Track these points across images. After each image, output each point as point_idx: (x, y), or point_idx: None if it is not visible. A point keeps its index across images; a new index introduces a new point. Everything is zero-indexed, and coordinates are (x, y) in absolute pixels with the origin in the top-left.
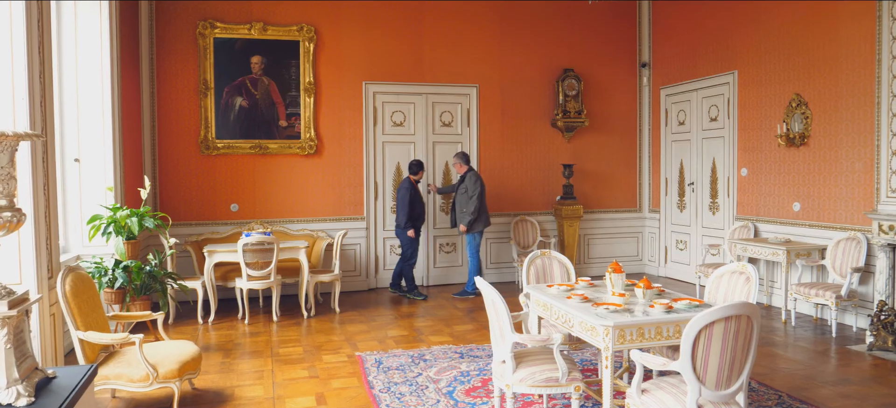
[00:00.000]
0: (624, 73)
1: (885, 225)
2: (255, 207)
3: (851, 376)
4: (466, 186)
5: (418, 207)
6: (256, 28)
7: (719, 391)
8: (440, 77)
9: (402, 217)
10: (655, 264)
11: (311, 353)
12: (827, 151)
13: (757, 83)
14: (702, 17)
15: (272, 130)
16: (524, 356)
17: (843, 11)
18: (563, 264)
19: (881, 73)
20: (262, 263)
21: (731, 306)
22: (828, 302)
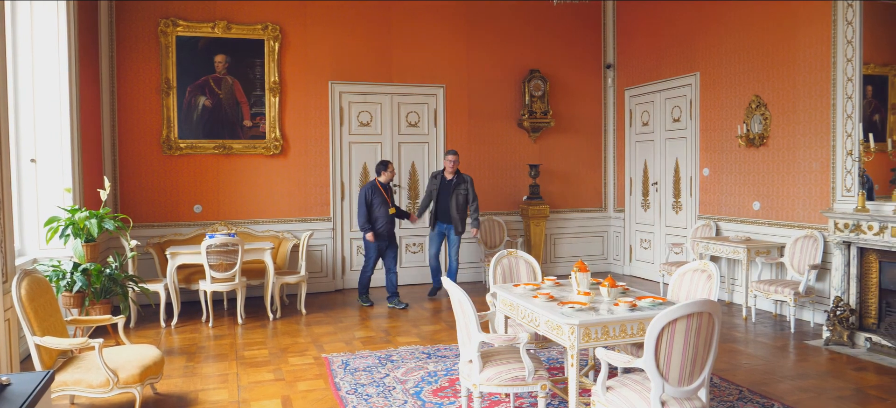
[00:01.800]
0: (589, 74)
1: (840, 223)
2: (219, 208)
3: (809, 370)
4: (467, 187)
5: (378, 209)
6: (220, 27)
7: (682, 387)
8: (407, 77)
9: (360, 220)
10: (620, 263)
11: (276, 355)
12: (785, 152)
13: (718, 85)
14: (665, 19)
15: (237, 130)
16: (491, 356)
17: (801, 15)
18: (529, 264)
19: (836, 76)
20: (227, 264)
21: (693, 303)
22: (786, 299)
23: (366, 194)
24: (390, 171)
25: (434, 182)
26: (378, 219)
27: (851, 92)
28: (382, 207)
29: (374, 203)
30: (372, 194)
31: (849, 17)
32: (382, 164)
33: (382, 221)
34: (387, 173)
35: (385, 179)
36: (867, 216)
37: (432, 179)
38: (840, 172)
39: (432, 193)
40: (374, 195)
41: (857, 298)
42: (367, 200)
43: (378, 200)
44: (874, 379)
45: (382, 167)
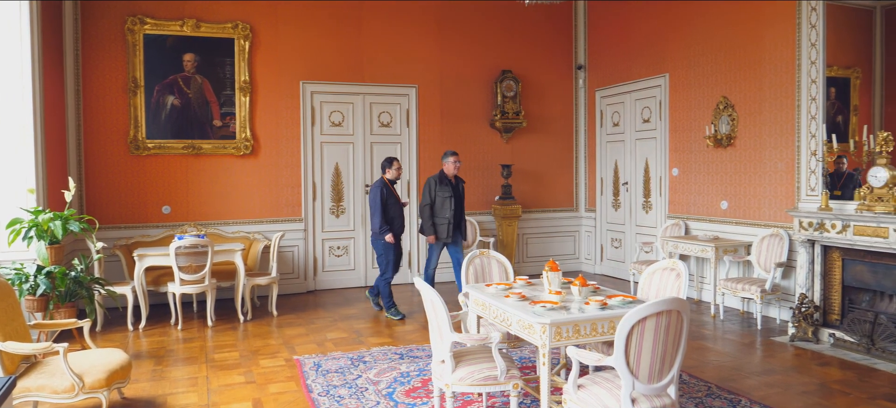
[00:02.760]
0: (560, 75)
1: (805, 222)
2: (188, 209)
3: (775, 366)
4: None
5: (393, 208)
6: (189, 25)
7: (652, 384)
8: (379, 77)
9: (376, 221)
10: (592, 262)
11: (247, 358)
12: (752, 152)
13: (687, 86)
14: (635, 21)
15: (206, 130)
16: (463, 356)
17: (766, 17)
18: (501, 264)
19: (800, 78)
20: (196, 266)
21: (662, 301)
22: (753, 296)
23: (381, 193)
24: (397, 167)
25: (441, 189)
26: (394, 219)
27: (815, 94)
28: (398, 207)
29: (389, 203)
30: (387, 193)
31: (812, 21)
32: (388, 160)
33: (400, 222)
34: (393, 170)
35: (392, 176)
36: (830, 215)
37: (434, 187)
38: (804, 172)
39: (436, 201)
40: (389, 194)
41: (821, 295)
42: (383, 199)
43: (393, 199)
44: (838, 374)
45: (388, 164)
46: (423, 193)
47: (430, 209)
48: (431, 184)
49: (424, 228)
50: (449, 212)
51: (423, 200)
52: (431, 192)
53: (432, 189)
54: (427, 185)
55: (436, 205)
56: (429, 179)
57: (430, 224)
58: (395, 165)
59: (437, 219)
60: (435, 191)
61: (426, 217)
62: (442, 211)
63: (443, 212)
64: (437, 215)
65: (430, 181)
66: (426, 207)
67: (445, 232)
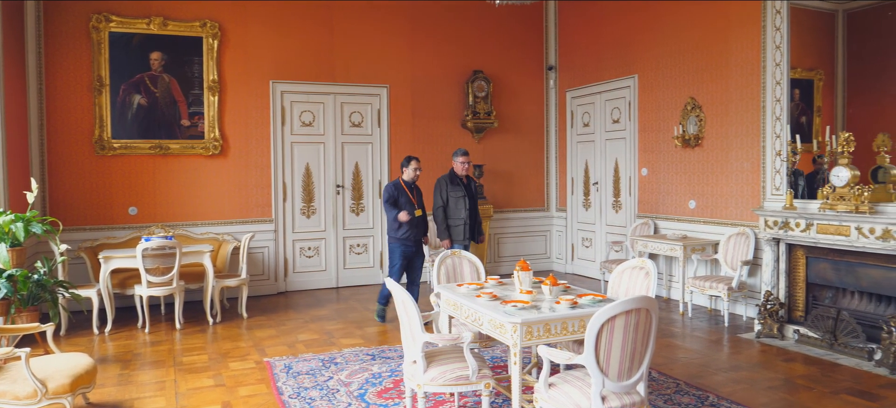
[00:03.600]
0: (531, 75)
1: (770, 221)
2: (155, 210)
3: (742, 362)
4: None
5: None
6: (156, 23)
7: (621, 382)
8: (350, 77)
9: (391, 220)
10: (563, 262)
11: (216, 360)
12: (719, 152)
13: (656, 87)
14: (605, 22)
15: (174, 130)
16: (435, 356)
17: (733, 20)
18: (473, 264)
19: (766, 79)
20: (164, 268)
21: (631, 300)
22: (720, 294)
23: (390, 193)
24: (414, 167)
25: (454, 189)
26: (405, 223)
27: (780, 95)
28: (409, 208)
29: (400, 203)
30: (398, 193)
31: (777, 24)
32: (407, 159)
33: (409, 225)
34: (410, 170)
35: (409, 177)
36: (795, 214)
37: (445, 187)
38: (769, 172)
39: (448, 202)
40: (401, 195)
41: (786, 292)
42: (393, 199)
43: (404, 200)
44: (802, 369)
45: (406, 163)
46: (435, 195)
47: (443, 211)
48: (442, 184)
49: (439, 232)
50: (463, 212)
51: (435, 202)
52: (443, 192)
53: (444, 189)
54: (437, 186)
55: (449, 206)
56: (439, 180)
57: (444, 227)
58: (412, 165)
59: (452, 220)
60: (447, 191)
61: (440, 220)
62: (456, 212)
63: (457, 213)
64: (451, 217)
65: (441, 181)
66: (439, 209)
67: (461, 234)
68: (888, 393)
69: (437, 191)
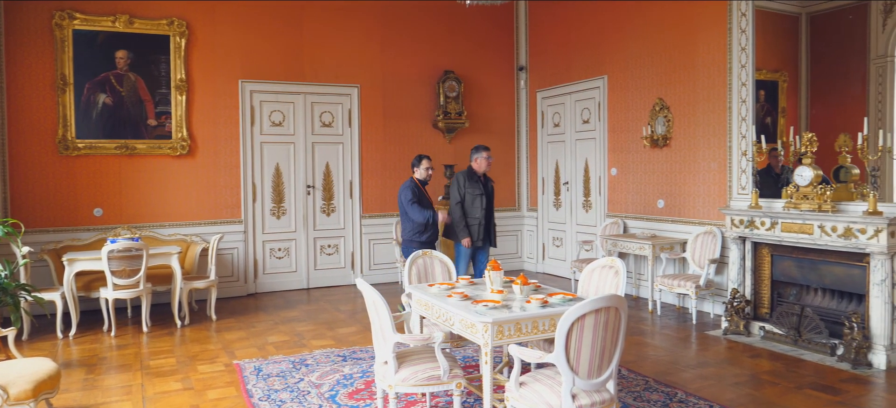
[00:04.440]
0: (502, 76)
1: (736, 220)
2: (121, 211)
3: (709, 359)
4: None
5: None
6: (122, 21)
7: (591, 380)
8: (320, 77)
9: (408, 229)
10: (534, 261)
11: (184, 364)
12: (687, 152)
13: (624, 88)
14: (574, 23)
15: (140, 130)
16: (407, 356)
17: (700, 21)
18: (444, 264)
19: (732, 81)
20: (130, 270)
21: (601, 298)
22: (688, 292)
23: (413, 193)
24: (427, 165)
25: (471, 186)
26: (428, 225)
27: (745, 96)
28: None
29: (422, 204)
30: (419, 194)
31: (743, 26)
32: (418, 158)
33: (433, 228)
34: (422, 169)
35: (422, 176)
36: (760, 213)
37: (463, 184)
38: (736, 172)
39: (465, 199)
40: (421, 196)
41: (752, 289)
42: (416, 200)
43: (426, 201)
44: (767, 365)
45: (416, 162)
46: (451, 192)
47: (461, 208)
48: (460, 180)
49: (456, 230)
50: (480, 211)
51: (452, 199)
52: (461, 189)
53: (461, 186)
54: (455, 182)
55: (465, 203)
56: (456, 176)
57: (463, 226)
58: (424, 164)
59: (469, 219)
60: (465, 188)
61: (458, 218)
62: (472, 210)
63: (473, 211)
64: (468, 215)
65: (459, 178)
66: (457, 206)
67: (477, 233)
68: (850, 387)
69: (454, 187)
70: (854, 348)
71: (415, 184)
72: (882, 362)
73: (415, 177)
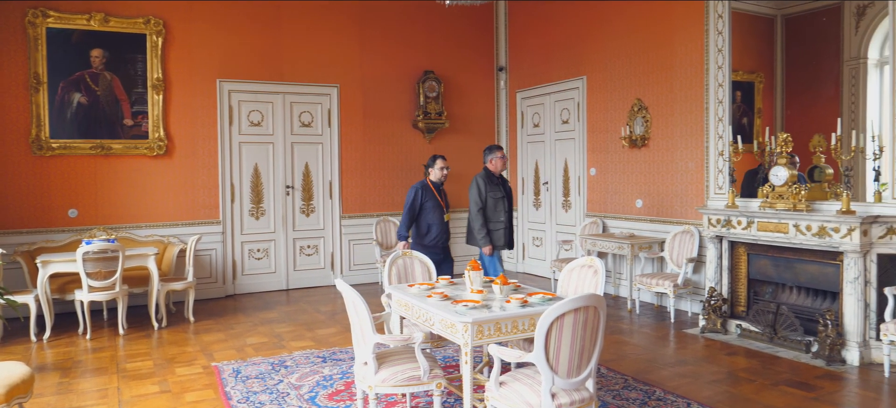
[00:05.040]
0: (482, 76)
1: (713, 219)
2: (96, 212)
3: (687, 357)
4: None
5: (430, 214)
6: (97, 19)
7: (571, 379)
8: (299, 76)
9: (401, 226)
10: (513, 261)
11: (162, 366)
12: (665, 152)
13: (603, 88)
14: (554, 24)
15: (116, 130)
16: (386, 357)
17: (677, 23)
18: (424, 264)
19: (708, 81)
20: (106, 272)
21: (580, 298)
22: (667, 291)
23: (416, 195)
24: (441, 165)
25: (492, 189)
26: (431, 227)
27: (722, 97)
28: (436, 212)
29: (424, 207)
30: (424, 196)
31: (719, 27)
32: (432, 158)
33: (437, 230)
34: (436, 170)
35: (437, 177)
36: (736, 212)
37: (484, 187)
38: (713, 172)
39: (487, 203)
40: (426, 197)
41: (728, 288)
42: (416, 202)
43: (431, 204)
44: (744, 362)
45: (431, 163)
46: (471, 195)
47: (483, 214)
48: (480, 184)
49: (477, 237)
50: (503, 215)
51: (472, 203)
52: (482, 193)
53: (483, 190)
54: (475, 186)
55: (487, 208)
56: (476, 179)
57: (485, 232)
58: (438, 165)
59: (492, 224)
60: (486, 192)
61: (480, 224)
62: (495, 215)
63: (496, 215)
64: (491, 220)
65: (479, 181)
66: (479, 212)
67: (502, 239)
68: (824, 384)
69: (475, 191)
70: (828, 345)
71: (424, 187)
72: (855, 358)
73: (428, 179)
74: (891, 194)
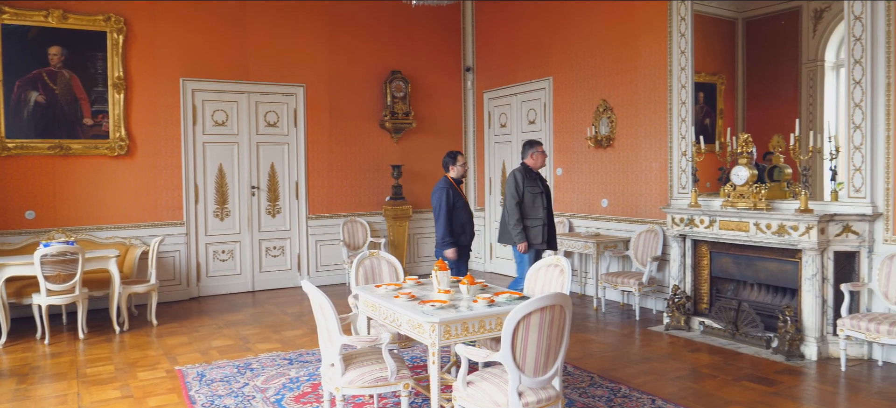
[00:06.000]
0: (450, 76)
1: (676, 218)
2: (55, 214)
3: (652, 354)
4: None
5: (462, 213)
6: (55, 16)
7: (537, 377)
8: (265, 75)
9: (440, 231)
10: (481, 260)
11: (124, 371)
12: (629, 152)
13: (569, 89)
14: (520, 24)
15: (75, 129)
16: (354, 358)
17: (641, 24)
18: (391, 264)
19: (672, 83)
20: (65, 275)
21: (546, 297)
22: (632, 289)
23: (448, 196)
24: (462, 162)
25: (530, 184)
26: (465, 226)
27: (685, 98)
28: (466, 211)
29: (456, 206)
30: (454, 195)
31: (682, 30)
32: (451, 155)
33: (469, 229)
34: (458, 166)
35: (457, 174)
36: (699, 211)
37: (522, 181)
38: (676, 172)
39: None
40: (456, 196)
41: (692, 285)
42: (450, 203)
43: (461, 203)
44: (707, 359)
45: (451, 159)
46: (508, 190)
47: (520, 209)
48: (518, 178)
49: (511, 234)
50: (541, 211)
51: (509, 198)
52: (519, 187)
53: (520, 184)
54: (512, 180)
55: (524, 203)
56: (513, 173)
57: (520, 229)
58: (459, 161)
59: (529, 220)
60: (523, 186)
61: (517, 219)
62: (533, 211)
63: (534, 212)
64: (528, 216)
65: (517, 175)
66: (516, 207)
67: (540, 236)
68: (784, 378)
69: (512, 185)
70: (787, 340)
71: (448, 184)
72: (813, 353)
73: (449, 176)
74: (847, 193)
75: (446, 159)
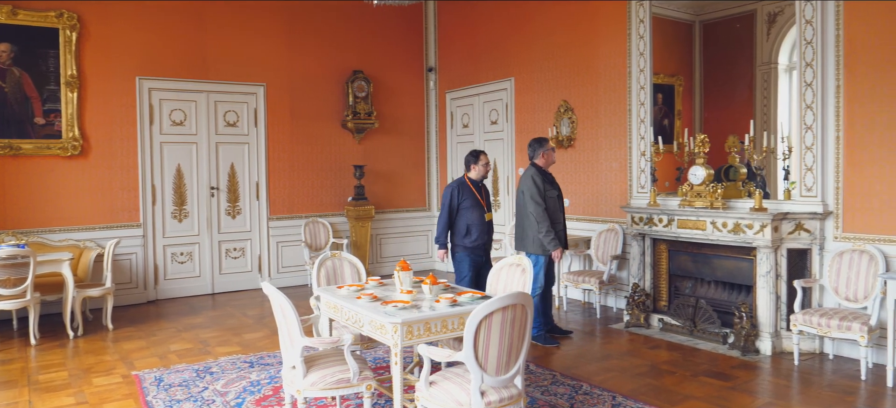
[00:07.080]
0: (412, 76)
1: (636, 217)
2: (5, 216)
3: (612, 351)
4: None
5: (469, 214)
6: (3, 11)
7: (500, 376)
8: (224, 74)
9: (436, 231)
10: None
11: (78, 377)
12: (590, 153)
13: (531, 90)
14: (482, 25)
15: (26, 129)
16: (315, 360)
17: (601, 26)
18: (353, 265)
19: (631, 84)
20: (15, 279)
21: (508, 296)
22: (593, 287)
23: (452, 195)
24: (484, 163)
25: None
26: (471, 228)
27: (644, 99)
28: (475, 212)
29: (462, 207)
30: (460, 195)
31: (641, 32)
32: (473, 154)
33: (478, 230)
34: (480, 166)
35: (477, 175)
36: (658, 210)
37: (543, 185)
38: (635, 172)
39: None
40: (463, 196)
41: (651, 283)
42: (452, 203)
43: (469, 203)
44: (666, 355)
45: (473, 159)
46: (529, 193)
47: (546, 215)
48: (538, 183)
49: (543, 240)
50: (561, 215)
51: (532, 203)
52: (541, 189)
53: (542, 188)
54: (532, 184)
55: (548, 207)
56: (530, 176)
57: (552, 236)
58: (482, 160)
59: (554, 225)
60: (544, 189)
61: (547, 225)
62: (555, 215)
63: (556, 216)
64: (553, 221)
65: (536, 180)
66: (544, 211)
67: (563, 240)
68: (740, 373)
69: (531, 187)
70: (743, 336)
71: (457, 185)
72: (768, 348)
73: (468, 176)
74: (799, 192)
75: (468, 157)
